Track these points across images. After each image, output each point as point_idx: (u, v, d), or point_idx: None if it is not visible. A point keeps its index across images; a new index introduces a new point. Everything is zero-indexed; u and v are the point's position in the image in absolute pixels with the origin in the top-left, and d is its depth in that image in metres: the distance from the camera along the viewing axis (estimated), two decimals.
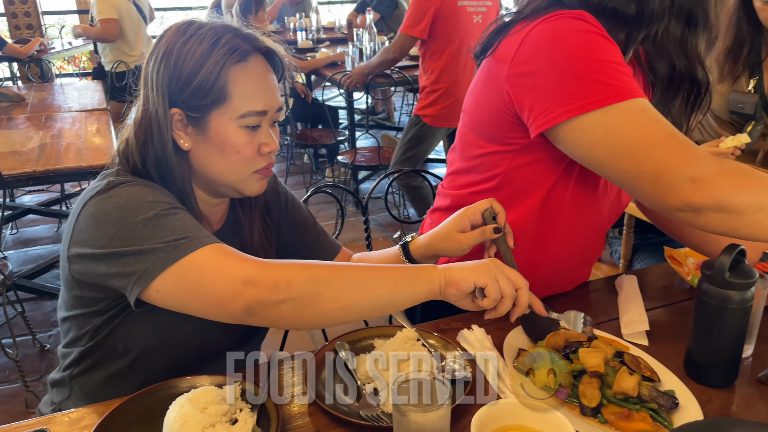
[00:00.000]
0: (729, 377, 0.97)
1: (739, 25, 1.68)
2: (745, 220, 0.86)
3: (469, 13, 2.92)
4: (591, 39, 0.93)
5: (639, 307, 1.15)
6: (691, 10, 0.96)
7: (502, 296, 0.90)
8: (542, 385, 0.93)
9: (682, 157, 0.87)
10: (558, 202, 1.10)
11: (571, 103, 0.91)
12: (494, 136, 1.07)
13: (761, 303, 1.00)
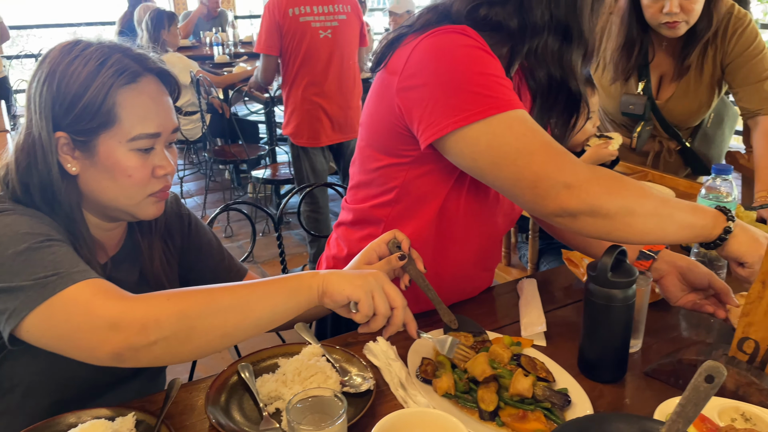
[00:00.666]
0: (618, 372, 1.02)
1: (630, 24, 1.78)
2: (615, 223, 0.91)
3: (315, 29, 2.93)
4: (473, 53, 0.96)
5: (537, 309, 1.19)
6: (568, 25, 1.01)
7: (375, 313, 0.89)
8: (443, 393, 0.95)
9: (558, 164, 0.91)
10: (453, 211, 1.13)
11: (456, 115, 0.94)
12: (389, 148, 1.09)
13: (645, 299, 1.06)
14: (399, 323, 0.92)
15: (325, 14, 2.98)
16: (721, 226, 0.98)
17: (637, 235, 0.94)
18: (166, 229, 1.14)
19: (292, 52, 2.96)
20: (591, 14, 1.01)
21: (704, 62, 1.78)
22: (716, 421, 0.85)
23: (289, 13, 2.90)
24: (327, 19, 2.99)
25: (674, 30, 1.70)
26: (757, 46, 1.74)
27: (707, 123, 1.94)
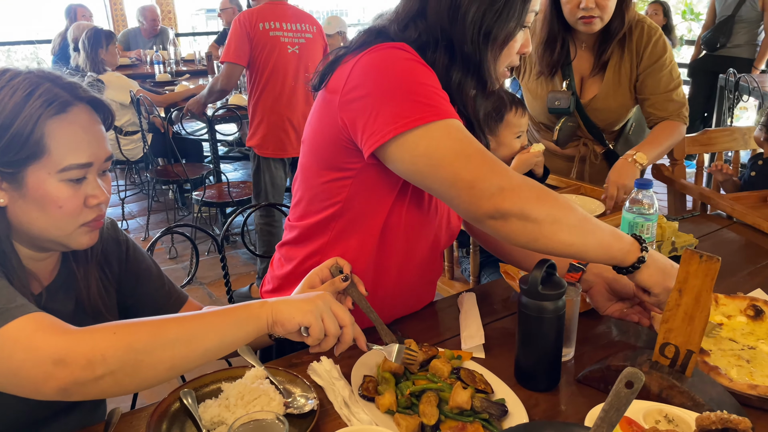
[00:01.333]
0: (552, 381, 1.06)
1: (551, 21, 1.88)
2: (542, 230, 0.96)
3: (284, 44, 3.05)
4: (412, 65, 1.02)
5: (476, 322, 1.23)
6: (480, 66, 1.08)
7: (326, 334, 0.93)
8: (385, 410, 0.97)
9: (493, 168, 0.97)
10: (396, 224, 1.16)
11: (397, 122, 0.98)
12: (333, 163, 1.12)
13: (575, 310, 1.12)
14: (349, 340, 0.96)
15: (294, 31, 3.10)
16: (636, 255, 1.03)
17: (560, 245, 0.99)
18: (103, 255, 1.13)
19: (261, 64, 3.05)
20: (472, 43, 1.07)
21: (621, 66, 1.89)
22: (642, 423, 0.90)
23: (260, 27, 3.01)
24: (295, 35, 3.11)
25: (590, 25, 1.80)
26: (668, 57, 1.88)
27: (629, 130, 2.06)
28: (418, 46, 1.06)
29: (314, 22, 3.23)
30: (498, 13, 1.04)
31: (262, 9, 3.05)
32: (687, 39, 6.58)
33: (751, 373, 1.06)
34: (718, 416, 0.81)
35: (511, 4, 1.04)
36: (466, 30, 1.05)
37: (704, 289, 0.94)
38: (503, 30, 1.06)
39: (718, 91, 4.43)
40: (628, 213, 1.32)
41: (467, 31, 1.05)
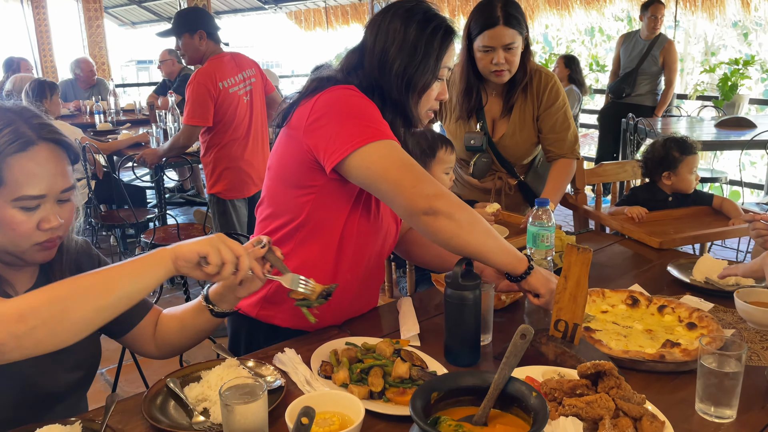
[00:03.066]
0: (473, 358, 1.31)
1: (468, 74, 2.21)
2: (461, 229, 1.25)
3: (240, 96, 3.28)
4: (362, 100, 1.32)
5: (413, 319, 1.48)
6: (405, 109, 1.38)
7: (224, 262, 1.08)
8: (341, 383, 1.19)
9: (427, 177, 1.27)
10: (350, 232, 1.41)
11: (353, 140, 1.25)
12: (298, 182, 1.36)
13: (490, 301, 1.38)
14: (246, 266, 1.12)
15: (243, 81, 3.31)
16: (526, 265, 1.33)
17: (472, 245, 1.27)
18: (77, 267, 1.27)
19: (225, 121, 3.24)
20: (398, 92, 1.35)
21: (525, 108, 2.24)
22: (540, 380, 1.16)
23: (220, 87, 3.18)
24: (245, 84, 3.32)
25: (500, 77, 2.15)
26: (563, 100, 2.24)
27: (537, 163, 2.40)
28: (361, 91, 1.34)
29: (251, 62, 3.42)
30: (416, 67, 1.34)
31: (216, 67, 3.20)
32: (595, 88, 7.25)
33: (626, 344, 1.34)
34: (593, 363, 1.09)
35: (427, 61, 1.34)
36: (392, 80, 1.34)
37: (582, 274, 1.22)
38: (421, 81, 1.35)
39: (622, 134, 4.97)
40: (531, 226, 1.61)
41: (393, 81, 1.34)
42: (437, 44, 1.34)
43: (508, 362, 0.98)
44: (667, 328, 1.41)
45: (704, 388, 1.11)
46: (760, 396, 1.17)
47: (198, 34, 3.20)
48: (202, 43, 3.23)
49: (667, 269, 1.76)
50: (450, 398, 1.00)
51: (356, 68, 1.38)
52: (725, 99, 5.13)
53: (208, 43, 3.25)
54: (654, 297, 1.54)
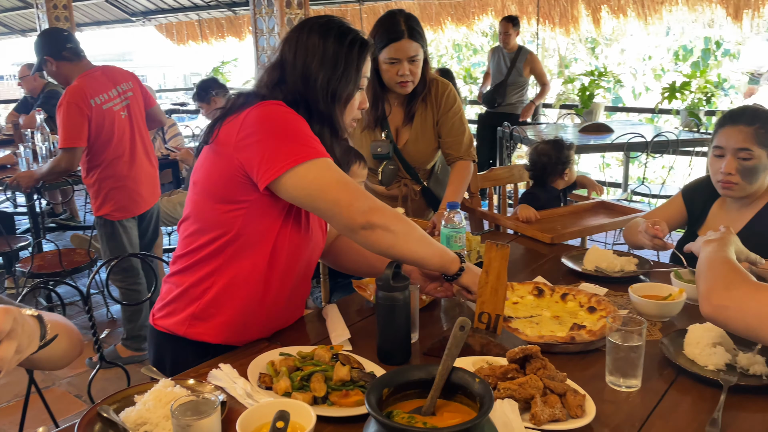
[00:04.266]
0: (405, 356, 1.37)
1: (373, 86, 2.30)
2: (398, 239, 1.31)
3: (116, 112, 3.12)
4: (293, 117, 1.34)
5: (342, 324, 1.51)
6: (332, 119, 1.42)
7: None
8: (283, 392, 1.20)
9: (363, 194, 1.32)
10: (281, 247, 1.41)
11: (289, 159, 1.27)
12: (228, 197, 1.35)
13: (416, 301, 1.45)
14: None
15: (119, 95, 3.12)
16: (458, 265, 1.42)
17: (409, 253, 1.34)
18: None
19: (102, 139, 3.04)
20: (325, 103, 1.40)
21: (426, 116, 2.37)
22: (470, 369, 1.24)
23: (92, 103, 2.98)
24: (122, 99, 3.14)
25: (405, 88, 2.26)
26: (458, 106, 2.39)
27: (437, 170, 2.53)
28: (288, 105, 1.36)
29: (128, 75, 3.25)
30: (339, 79, 1.38)
31: (86, 84, 3.01)
32: (470, 99, 7.69)
33: (540, 331, 1.47)
34: (521, 348, 1.19)
35: (349, 72, 1.39)
36: (317, 93, 1.37)
37: (502, 269, 1.33)
38: (345, 92, 1.40)
39: (498, 142, 5.32)
40: (444, 228, 1.71)
41: (319, 94, 1.37)
42: (356, 56, 1.40)
43: (450, 353, 1.05)
44: (571, 313, 1.57)
45: (613, 362, 1.25)
46: (657, 365, 1.34)
47: (60, 56, 3.01)
48: (63, 65, 3.03)
49: (561, 261, 1.94)
50: (398, 393, 1.06)
51: (279, 84, 1.40)
52: (584, 107, 5.66)
53: (72, 63, 3.05)
54: (556, 286, 1.69)
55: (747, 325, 1.13)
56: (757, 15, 5.87)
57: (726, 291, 1.17)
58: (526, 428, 1.06)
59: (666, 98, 5.17)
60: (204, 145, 1.40)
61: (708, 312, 1.18)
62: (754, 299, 1.13)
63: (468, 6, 7.63)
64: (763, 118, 1.77)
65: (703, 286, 1.22)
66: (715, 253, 1.29)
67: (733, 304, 1.14)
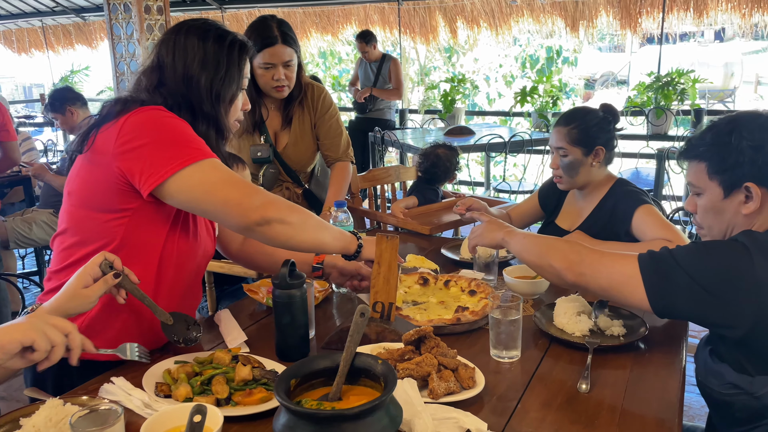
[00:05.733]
0: (304, 352, 1.40)
1: (250, 90, 2.26)
2: (296, 230, 1.31)
3: None
4: (175, 120, 1.30)
5: (236, 328, 1.51)
6: (194, 107, 1.38)
7: (53, 345, 1.01)
8: (183, 399, 1.18)
9: (253, 189, 1.30)
10: (170, 254, 1.38)
11: (172, 163, 1.23)
12: (108, 206, 1.29)
13: (312, 298, 1.49)
14: (78, 344, 1.07)
15: None
16: (356, 243, 1.47)
17: (309, 241, 1.36)
18: None
19: None
20: (211, 105, 1.39)
21: (303, 119, 2.41)
22: None
23: None
24: None
25: (281, 92, 2.28)
26: (334, 109, 2.47)
27: (317, 172, 2.58)
28: (168, 108, 1.33)
29: None
30: (222, 80, 1.38)
31: None
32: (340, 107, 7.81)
33: (428, 315, 1.57)
34: (415, 330, 1.27)
35: (231, 73, 1.40)
36: (201, 94, 1.36)
37: (393, 258, 1.41)
38: (229, 92, 1.40)
39: (370, 146, 5.47)
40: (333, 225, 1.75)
41: (203, 95, 1.36)
42: (236, 56, 1.40)
43: (353, 339, 1.10)
44: (455, 298, 1.68)
45: (496, 336, 1.37)
46: (533, 337, 1.48)
47: None
48: None
49: (441, 252, 2.07)
50: (304, 384, 1.09)
51: (158, 87, 1.36)
52: (447, 111, 5.99)
53: None
54: (439, 275, 1.81)
55: (600, 286, 1.31)
56: (591, 26, 6.56)
57: (579, 259, 1.33)
58: (425, 403, 1.13)
59: (518, 102, 5.62)
60: (77, 154, 1.33)
61: (572, 280, 1.35)
62: (601, 263, 1.31)
63: (332, 15, 7.75)
64: (578, 120, 2.01)
65: (558, 263, 1.36)
66: (525, 236, 1.49)
67: (588, 269, 1.32)
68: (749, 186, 1.21)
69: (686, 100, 4.95)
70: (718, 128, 1.25)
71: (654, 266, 1.23)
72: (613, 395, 1.23)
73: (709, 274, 1.17)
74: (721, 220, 1.28)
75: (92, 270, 1.21)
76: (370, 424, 0.96)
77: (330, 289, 1.75)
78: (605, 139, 1.98)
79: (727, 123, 1.25)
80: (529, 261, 1.46)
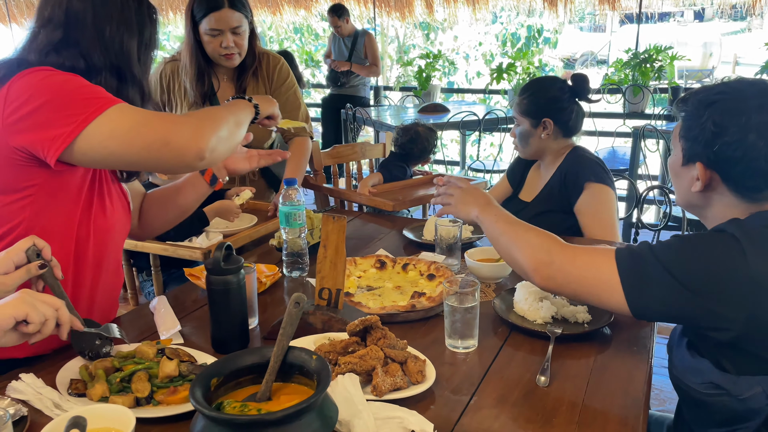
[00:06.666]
0: (243, 343, 1.28)
1: (197, 57, 2.14)
2: (229, 139, 1.25)
3: None
4: (66, 76, 1.15)
5: (171, 316, 1.38)
6: (120, 68, 1.26)
7: (46, 319, 0.99)
8: (99, 398, 1.06)
9: (173, 121, 1.20)
10: (85, 236, 1.24)
11: (74, 122, 1.09)
12: (6, 185, 1.15)
13: (253, 283, 1.36)
14: (68, 319, 1.03)
15: None
16: (250, 106, 1.40)
17: (237, 137, 1.31)
18: None
19: None
20: (139, 63, 1.28)
21: (258, 91, 2.26)
22: (312, 348, 1.19)
23: None
24: None
25: (231, 60, 2.13)
26: (292, 80, 2.31)
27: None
28: (68, 70, 1.17)
29: None
30: (147, 44, 1.25)
31: None
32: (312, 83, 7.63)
33: (382, 302, 1.46)
34: (360, 320, 1.15)
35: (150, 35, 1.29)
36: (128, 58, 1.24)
37: (340, 241, 1.29)
38: (149, 54, 1.30)
39: (343, 124, 5.32)
40: (283, 206, 1.63)
41: (131, 59, 1.25)
42: (149, 18, 1.29)
43: (285, 332, 0.98)
44: (412, 282, 1.57)
45: (451, 324, 1.27)
46: (492, 324, 1.38)
47: None
48: None
49: (403, 233, 1.95)
50: (230, 382, 0.97)
51: (58, 46, 1.20)
52: (422, 89, 5.84)
53: None
54: (397, 258, 1.69)
55: (573, 290, 1.18)
56: (570, 2, 6.43)
57: (548, 260, 1.18)
58: (368, 401, 1.03)
59: (494, 79, 5.49)
60: None
61: (540, 284, 1.21)
62: (573, 265, 1.16)
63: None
64: (529, 90, 2.00)
65: (524, 260, 1.22)
66: (498, 218, 1.33)
67: (558, 273, 1.17)
68: (699, 165, 1.11)
69: (664, 78, 4.87)
70: (703, 95, 1.13)
71: (633, 266, 1.10)
72: (574, 389, 1.13)
73: (697, 274, 1.04)
74: (679, 185, 1.20)
75: (16, 255, 1.08)
76: (298, 429, 0.85)
77: (280, 273, 1.63)
78: (555, 111, 1.94)
79: (715, 93, 1.11)
80: (498, 250, 1.35)
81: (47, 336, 1.01)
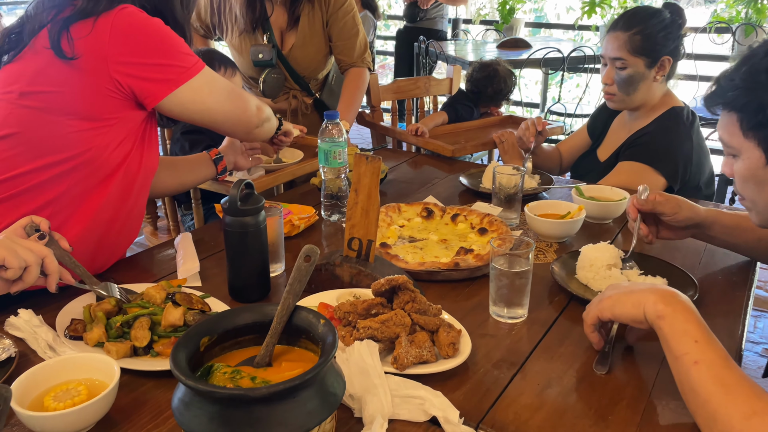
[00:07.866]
0: (263, 291, 1.16)
1: None
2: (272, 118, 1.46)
3: None
4: (165, 26, 1.18)
5: (192, 256, 1.28)
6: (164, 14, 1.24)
7: (27, 265, 0.91)
8: (95, 343, 0.96)
9: (245, 94, 1.38)
10: (136, 170, 1.24)
11: (180, 72, 1.18)
12: (90, 113, 1.15)
13: (278, 227, 1.23)
14: (56, 269, 0.96)
15: None
16: None
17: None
18: None
19: None
20: (182, 6, 1.28)
21: (313, 16, 2.07)
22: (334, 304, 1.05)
23: None
24: None
25: None
26: (351, 4, 2.10)
27: (332, 80, 2.27)
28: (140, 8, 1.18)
29: None
30: None
31: None
32: (389, 14, 7.27)
33: (423, 257, 1.29)
34: (386, 279, 0.99)
35: None
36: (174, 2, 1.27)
37: (373, 186, 1.12)
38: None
39: (415, 58, 5.03)
40: (322, 143, 1.47)
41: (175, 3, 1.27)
42: None
43: (292, 290, 0.84)
44: (460, 236, 1.39)
45: (497, 290, 1.09)
46: (547, 292, 1.19)
47: None
48: None
49: (459, 180, 1.75)
50: (227, 341, 0.85)
51: None
52: (505, 22, 5.43)
53: None
54: (447, 207, 1.51)
55: None
56: None
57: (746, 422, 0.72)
58: (386, 374, 0.88)
59: (586, 13, 5.01)
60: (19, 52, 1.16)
61: None
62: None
63: None
64: (641, 23, 1.63)
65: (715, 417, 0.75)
66: (705, 351, 0.79)
67: None
68: None
69: None
70: (753, 61, 0.85)
71: None
72: (638, 381, 0.93)
73: None
74: (767, 194, 0.91)
75: (15, 233, 1.03)
76: (290, 410, 0.71)
77: (317, 216, 1.49)
78: (673, 47, 1.60)
79: (767, 52, 0.84)
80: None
81: (31, 284, 0.94)
